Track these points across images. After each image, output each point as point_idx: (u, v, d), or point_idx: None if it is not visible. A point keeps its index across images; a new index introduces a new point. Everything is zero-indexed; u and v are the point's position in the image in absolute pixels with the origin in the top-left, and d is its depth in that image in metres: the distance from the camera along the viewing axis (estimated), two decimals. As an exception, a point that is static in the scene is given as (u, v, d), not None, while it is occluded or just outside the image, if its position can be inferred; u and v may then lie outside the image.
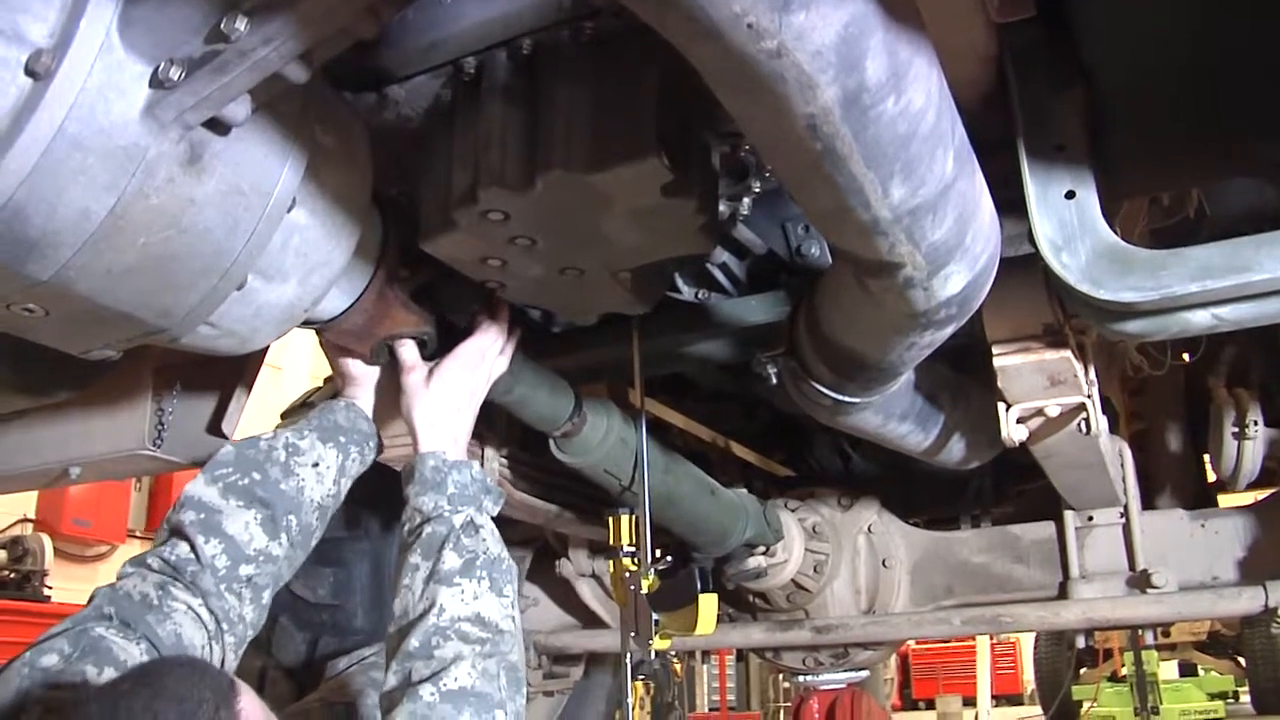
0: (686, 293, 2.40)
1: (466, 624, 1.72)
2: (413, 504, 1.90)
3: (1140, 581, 3.14)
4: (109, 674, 1.54)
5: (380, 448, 2.12)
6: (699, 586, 2.25)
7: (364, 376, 2.10)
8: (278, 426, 2.04)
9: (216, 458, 1.87)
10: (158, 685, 1.32)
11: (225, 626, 1.73)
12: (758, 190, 1.98)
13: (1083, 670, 15.24)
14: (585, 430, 2.38)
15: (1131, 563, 3.20)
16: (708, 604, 2.23)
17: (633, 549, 2.39)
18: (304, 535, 1.91)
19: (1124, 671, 14.73)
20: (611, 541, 2.43)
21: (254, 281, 1.61)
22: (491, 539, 1.86)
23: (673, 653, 16.80)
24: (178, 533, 1.77)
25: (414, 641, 1.69)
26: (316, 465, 1.93)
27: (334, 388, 2.52)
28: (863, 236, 1.45)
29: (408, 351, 2.03)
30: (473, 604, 1.75)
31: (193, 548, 1.75)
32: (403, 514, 1.92)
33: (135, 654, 1.60)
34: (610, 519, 2.45)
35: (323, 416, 2.02)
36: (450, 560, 1.79)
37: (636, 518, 2.42)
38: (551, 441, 2.43)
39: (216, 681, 1.36)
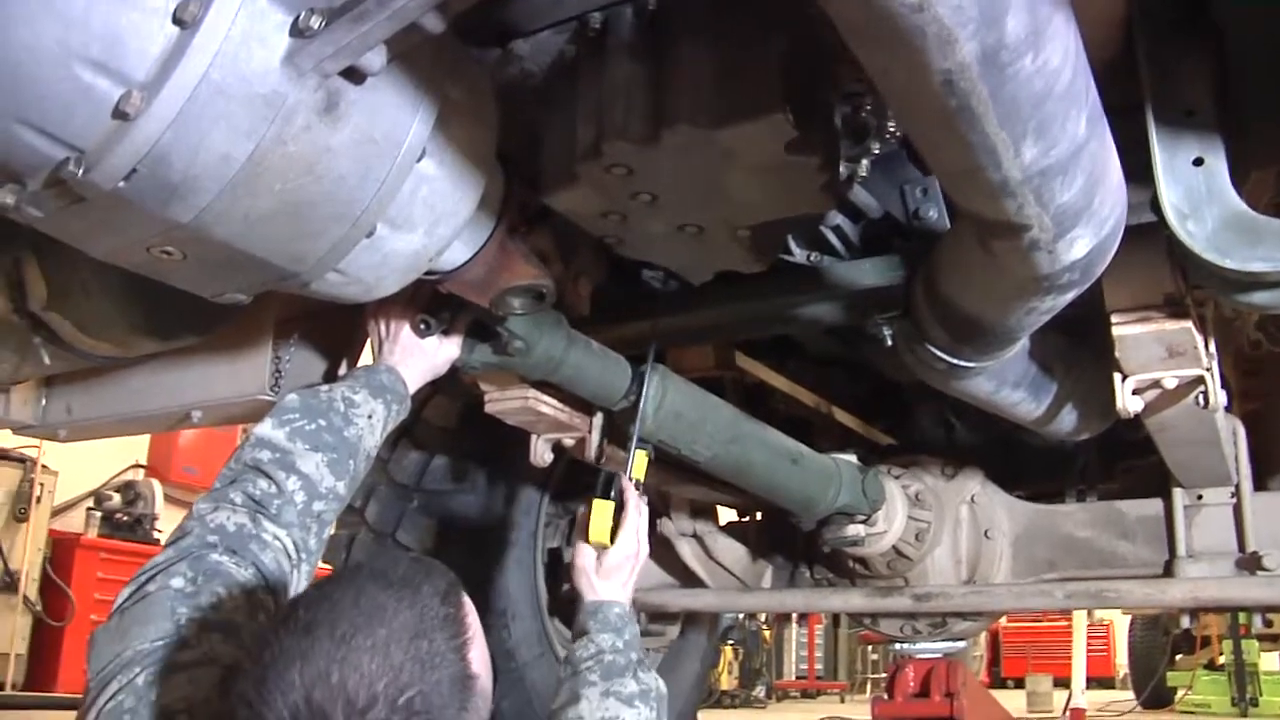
0: (799, 255, 2.39)
1: None
2: (594, 637, 2.14)
3: (1250, 563, 3.06)
4: (239, 597, 1.63)
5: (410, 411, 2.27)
6: (599, 490, 2.30)
7: (407, 347, 2.24)
8: None
9: (282, 404, 1.98)
10: (393, 575, 1.40)
11: (304, 557, 1.83)
12: (877, 151, 1.97)
13: (1179, 657, 14.96)
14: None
15: (1241, 544, 3.11)
16: (599, 509, 2.26)
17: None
18: (355, 481, 2.04)
19: (1222, 660, 14.44)
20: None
21: (382, 230, 1.65)
22: (659, 681, 2.11)
23: (764, 620, 16.87)
24: (255, 469, 1.86)
25: None
26: (370, 417, 2.07)
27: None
28: (991, 197, 1.44)
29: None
30: None
31: (274, 482, 1.84)
32: (578, 643, 2.15)
33: (250, 578, 1.68)
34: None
35: (369, 376, 2.15)
36: (630, 686, 2.03)
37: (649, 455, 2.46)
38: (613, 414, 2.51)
39: (446, 575, 1.46)
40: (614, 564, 2.24)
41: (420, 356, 2.24)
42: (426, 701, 1.29)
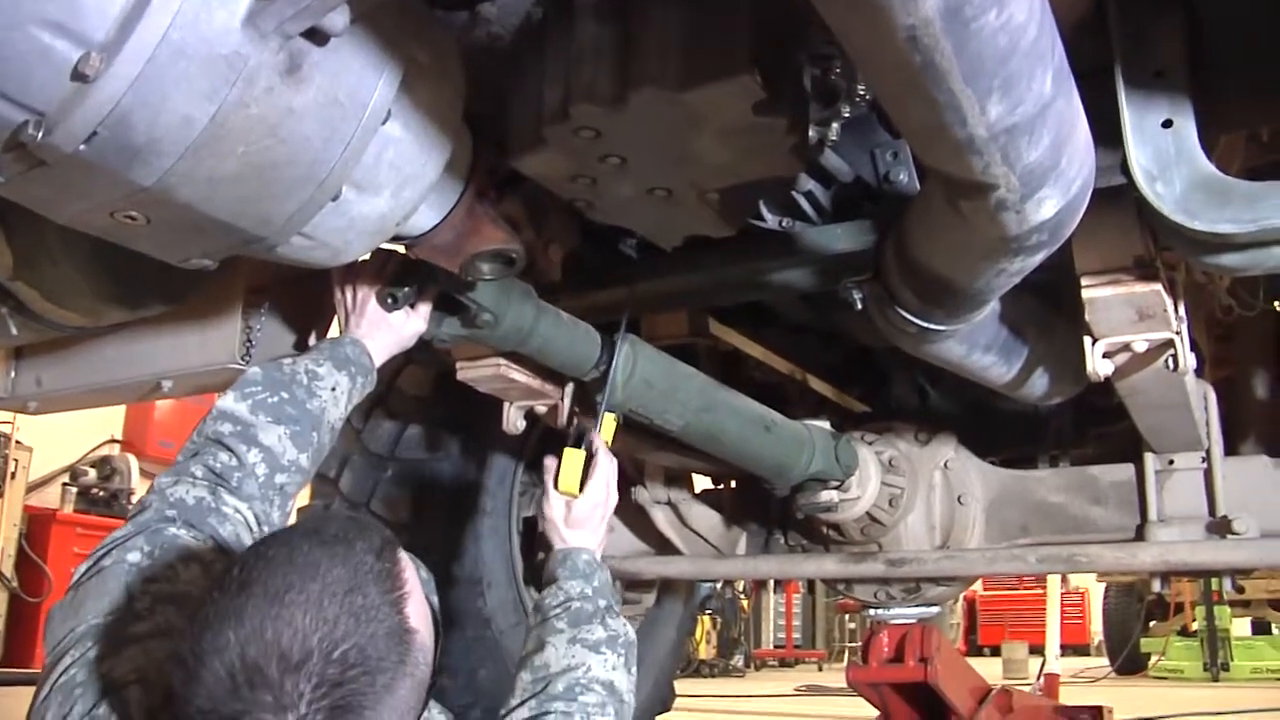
0: (771, 221, 2.39)
1: (601, 686, 1.91)
2: (562, 584, 2.11)
3: (1220, 527, 3.08)
4: (195, 570, 1.62)
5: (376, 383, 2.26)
6: (570, 441, 2.32)
7: (373, 320, 2.22)
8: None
9: (244, 378, 1.98)
10: (326, 532, 1.39)
11: (266, 529, 1.83)
12: (847, 115, 1.97)
13: (1152, 623, 15.14)
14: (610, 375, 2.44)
15: (1212, 508, 3.13)
16: (570, 459, 2.27)
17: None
18: (319, 454, 2.04)
19: (1194, 626, 14.62)
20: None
21: (348, 193, 1.63)
22: (628, 628, 2.08)
23: (742, 589, 16.94)
24: (216, 442, 1.86)
25: (559, 686, 1.88)
26: (334, 389, 2.07)
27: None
28: (957, 155, 1.44)
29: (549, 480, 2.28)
30: (610, 673, 1.94)
31: (235, 455, 1.84)
32: (546, 591, 2.12)
33: (207, 551, 1.67)
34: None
35: (334, 348, 2.15)
36: (597, 633, 1.99)
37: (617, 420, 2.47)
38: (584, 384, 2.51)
39: (380, 532, 1.46)
40: (583, 513, 2.23)
41: (386, 330, 2.22)
42: (362, 654, 1.30)
